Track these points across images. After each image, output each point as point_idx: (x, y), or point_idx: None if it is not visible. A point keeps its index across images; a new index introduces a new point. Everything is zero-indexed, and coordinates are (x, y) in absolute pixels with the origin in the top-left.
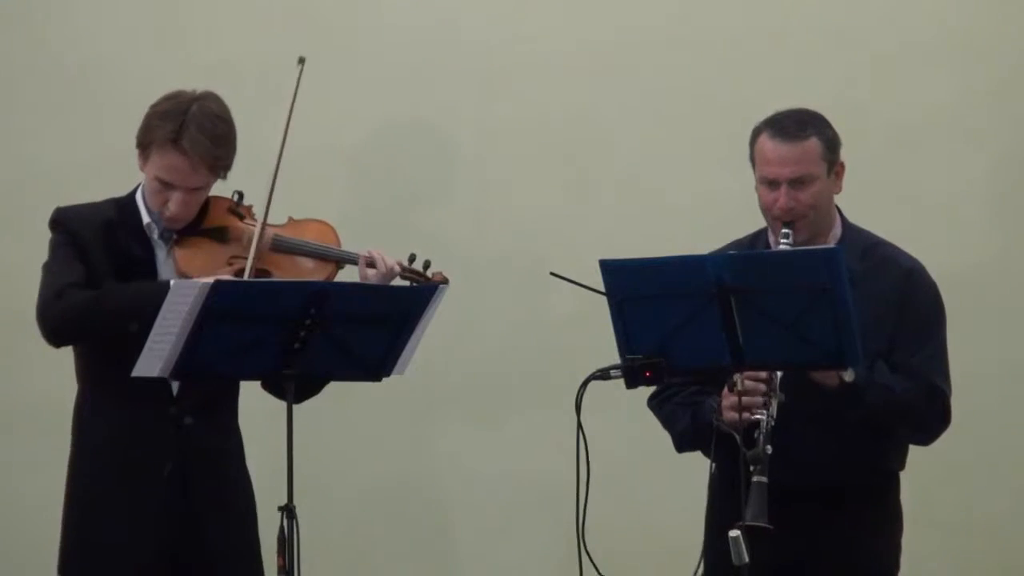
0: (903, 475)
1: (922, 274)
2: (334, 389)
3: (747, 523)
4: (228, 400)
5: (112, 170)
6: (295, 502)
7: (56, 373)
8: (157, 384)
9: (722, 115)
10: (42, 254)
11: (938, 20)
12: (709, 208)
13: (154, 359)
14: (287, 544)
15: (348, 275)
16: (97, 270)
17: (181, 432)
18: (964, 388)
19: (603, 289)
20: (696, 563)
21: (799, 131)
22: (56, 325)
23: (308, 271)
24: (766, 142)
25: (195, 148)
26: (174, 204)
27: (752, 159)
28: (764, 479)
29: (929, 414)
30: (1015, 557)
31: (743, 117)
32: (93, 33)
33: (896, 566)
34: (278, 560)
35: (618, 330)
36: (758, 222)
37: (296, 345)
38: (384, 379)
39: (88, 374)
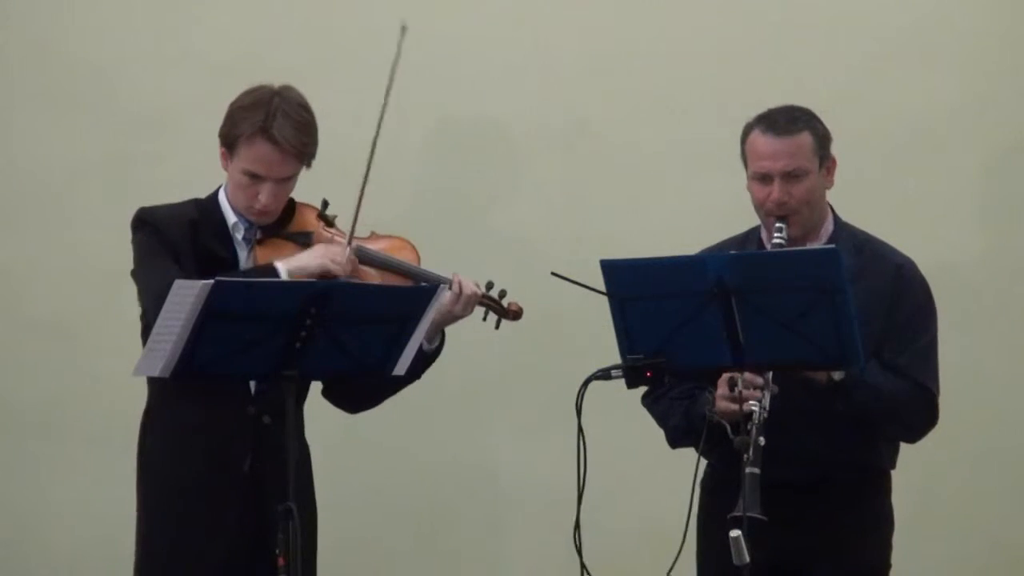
0: (895, 474)
1: (912, 271)
2: None
3: (739, 514)
4: (300, 405)
5: (113, 170)
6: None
7: (57, 374)
8: (234, 383)
9: (722, 115)
10: (41, 255)
11: (929, 18)
12: (709, 208)
13: (155, 359)
14: (288, 544)
15: None
16: (184, 268)
17: (259, 430)
18: (956, 386)
19: (604, 289)
20: (690, 561)
21: (791, 125)
22: None
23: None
24: (758, 137)
25: (284, 136)
26: (265, 195)
27: (743, 157)
28: (757, 470)
29: (916, 413)
30: (1013, 556)
31: (745, 117)
32: (94, 33)
33: (887, 565)
34: (279, 560)
35: (619, 330)
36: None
37: (297, 345)
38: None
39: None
